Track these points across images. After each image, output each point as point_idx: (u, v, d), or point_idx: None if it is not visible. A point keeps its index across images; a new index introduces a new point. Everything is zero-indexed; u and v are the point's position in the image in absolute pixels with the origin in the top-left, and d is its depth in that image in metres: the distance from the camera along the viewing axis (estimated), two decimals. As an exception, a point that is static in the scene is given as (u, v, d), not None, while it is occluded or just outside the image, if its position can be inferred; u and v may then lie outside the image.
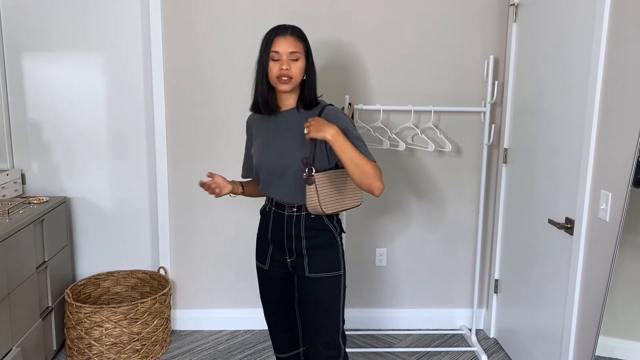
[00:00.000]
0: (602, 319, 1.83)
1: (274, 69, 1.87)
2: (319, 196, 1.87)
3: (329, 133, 1.76)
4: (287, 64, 1.86)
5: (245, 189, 2.11)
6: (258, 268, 2.11)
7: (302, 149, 1.91)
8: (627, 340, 1.81)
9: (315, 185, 1.87)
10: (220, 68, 2.99)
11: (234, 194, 2.07)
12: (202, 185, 1.97)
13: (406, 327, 3.27)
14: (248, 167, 2.16)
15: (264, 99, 1.94)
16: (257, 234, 2.11)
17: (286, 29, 1.89)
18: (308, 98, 1.95)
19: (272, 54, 1.87)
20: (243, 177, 2.18)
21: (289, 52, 1.86)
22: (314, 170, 1.88)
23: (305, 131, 1.80)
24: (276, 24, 1.94)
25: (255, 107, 1.99)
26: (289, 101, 1.97)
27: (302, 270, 1.97)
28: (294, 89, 1.93)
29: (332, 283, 1.97)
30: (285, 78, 1.87)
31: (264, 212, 2.07)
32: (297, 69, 1.88)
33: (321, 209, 1.88)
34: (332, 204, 1.90)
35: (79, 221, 3.17)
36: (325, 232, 1.98)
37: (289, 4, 2.93)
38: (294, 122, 1.95)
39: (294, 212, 1.96)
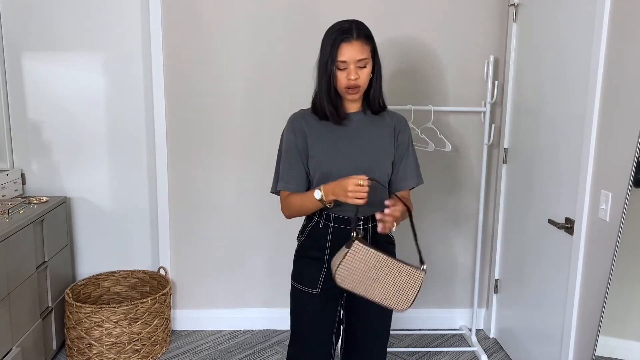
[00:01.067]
0: (602, 319, 1.83)
1: (341, 79, 1.74)
2: (342, 264, 1.63)
3: (400, 221, 1.70)
4: (355, 74, 1.73)
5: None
6: (304, 293, 1.87)
7: (379, 155, 1.83)
8: (627, 340, 1.81)
9: (347, 252, 1.64)
10: (221, 68, 2.99)
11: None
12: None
13: (406, 327, 3.27)
14: (296, 178, 1.84)
15: (334, 108, 1.79)
16: (304, 256, 1.90)
17: (351, 33, 1.72)
18: (375, 101, 1.84)
19: (338, 63, 1.73)
20: (283, 189, 1.87)
21: (356, 61, 1.72)
22: (359, 234, 1.67)
23: (379, 228, 1.62)
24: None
25: (321, 114, 1.82)
26: (355, 104, 1.86)
27: None
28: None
29: None
30: (353, 89, 1.76)
31: (316, 230, 1.86)
32: (365, 76, 1.76)
33: (334, 276, 1.64)
34: (353, 282, 1.66)
35: (79, 221, 3.17)
36: (390, 246, 1.92)
37: (290, 4, 2.93)
38: (364, 126, 1.85)
39: (360, 226, 1.84)
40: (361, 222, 1.84)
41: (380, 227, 1.63)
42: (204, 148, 3.07)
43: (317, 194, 1.73)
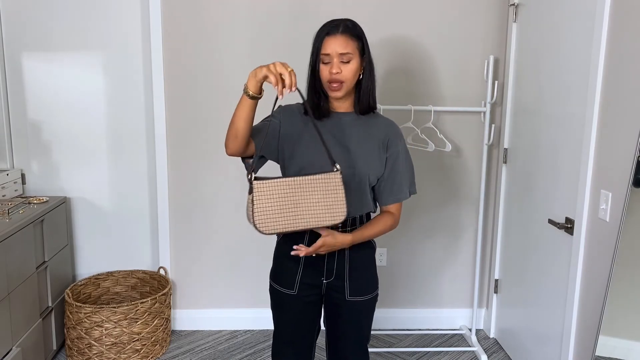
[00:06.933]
0: (602, 319, 1.83)
1: (324, 72, 1.71)
2: (254, 210, 1.57)
3: (345, 246, 1.75)
4: (337, 67, 1.68)
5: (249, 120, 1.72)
6: (280, 294, 1.86)
7: (362, 157, 1.78)
8: (627, 340, 1.81)
9: (253, 196, 1.57)
10: (221, 68, 2.99)
11: (255, 95, 1.67)
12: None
13: (406, 327, 3.27)
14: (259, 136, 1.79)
15: (314, 104, 1.77)
16: (282, 254, 1.87)
17: (337, 27, 1.70)
18: (364, 101, 1.77)
19: (322, 56, 1.70)
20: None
21: (338, 54, 1.68)
22: (253, 176, 1.60)
23: (294, 250, 1.68)
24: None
25: (306, 109, 1.80)
26: (344, 104, 1.80)
27: (341, 294, 1.84)
28: (349, 91, 1.76)
29: (371, 303, 1.88)
30: (336, 84, 1.70)
31: None
32: (349, 72, 1.70)
33: (255, 226, 1.59)
34: (276, 223, 1.59)
35: (79, 221, 3.17)
36: (369, 249, 1.88)
37: (290, 4, 2.93)
38: (353, 127, 1.79)
39: (339, 227, 1.78)
40: (340, 225, 1.78)
41: (294, 251, 1.68)
42: (204, 148, 3.06)
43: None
